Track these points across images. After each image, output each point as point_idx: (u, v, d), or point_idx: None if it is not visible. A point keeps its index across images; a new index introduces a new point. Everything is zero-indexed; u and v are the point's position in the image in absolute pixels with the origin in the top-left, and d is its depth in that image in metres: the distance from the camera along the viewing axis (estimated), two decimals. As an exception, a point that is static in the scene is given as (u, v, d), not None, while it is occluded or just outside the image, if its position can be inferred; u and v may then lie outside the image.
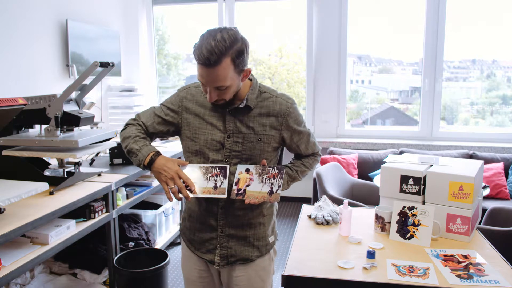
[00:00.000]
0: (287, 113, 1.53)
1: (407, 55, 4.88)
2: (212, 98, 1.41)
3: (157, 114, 1.57)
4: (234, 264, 1.58)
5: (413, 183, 1.83)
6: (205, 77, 1.37)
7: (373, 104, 5.10)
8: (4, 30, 3.12)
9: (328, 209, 2.05)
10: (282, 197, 5.02)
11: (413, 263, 1.55)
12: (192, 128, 1.53)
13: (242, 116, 1.51)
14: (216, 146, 1.51)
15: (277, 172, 1.45)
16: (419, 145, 4.33)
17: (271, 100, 1.53)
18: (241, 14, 4.92)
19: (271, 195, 1.42)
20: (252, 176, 1.44)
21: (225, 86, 1.38)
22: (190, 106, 1.55)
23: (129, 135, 1.54)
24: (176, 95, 1.59)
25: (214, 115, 1.52)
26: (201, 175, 1.45)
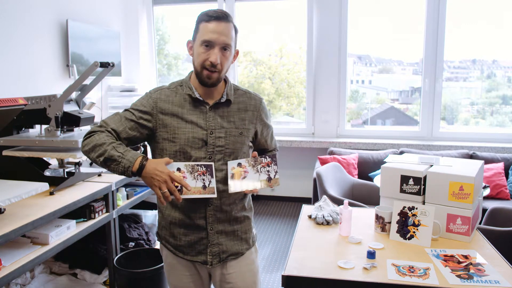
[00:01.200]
0: (260, 108, 1.64)
1: (407, 55, 4.88)
2: (217, 59, 1.44)
3: (128, 119, 1.50)
4: (226, 260, 1.60)
5: (413, 183, 1.83)
6: (218, 31, 1.43)
7: (373, 104, 5.10)
8: (4, 30, 3.12)
9: (328, 209, 2.05)
10: (282, 197, 5.03)
11: (413, 263, 1.54)
12: (170, 128, 1.51)
13: (222, 112, 1.55)
14: (198, 144, 1.50)
15: (270, 160, 1.47)
16: (419, 145, 4.33)
17: (246, 96, 1.63)
18: (241, 14, 4.92)
19: (270, 181, 1.46)
20: (246, 168, 1.45)
21: (229, 48, 1.48)
22: (165, 106, 1.52)
23: (102, 141, 1.42)
24: (147, 97, 1.54)
25: (193, 113, 1.52)
26: (188, 174, 1.43)
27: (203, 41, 1.45)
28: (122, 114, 1.52)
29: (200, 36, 1.46)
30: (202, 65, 1.47)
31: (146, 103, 1.52)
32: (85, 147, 1.46)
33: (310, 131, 4.85)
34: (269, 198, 5.04)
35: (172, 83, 1.60)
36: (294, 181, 4.94)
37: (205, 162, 1.48)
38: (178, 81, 1.61)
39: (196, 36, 1.49)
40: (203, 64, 1.47)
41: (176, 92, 1.55)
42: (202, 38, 1.45)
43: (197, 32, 1.49)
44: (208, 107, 1.53)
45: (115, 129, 1.48)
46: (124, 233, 2.99)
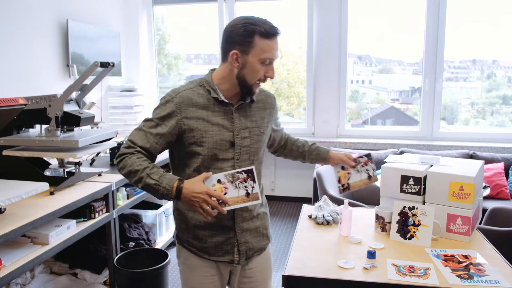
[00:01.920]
0: (274, 105, 1.70)
1: (407, 55, 4.88)
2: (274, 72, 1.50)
3: (154, 133, 1.48)
4: (251, 257, 1.63)
5: (414, 183, 1.83)
6: (277, 48, 1.47)
7: (373, 104, 5.09)
8: (4, 30, 3.12)
9: (329, 209, 2.05)
10: (282, 197, 5.02)
11: (413, 263, 1.55)
12: (197, 132, 1.48)
13: (245, 112, 1.56)
14: (225, 146, 1.51)
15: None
16: (419, 145, 4.33)
17: (263, 94, 1.65)
18: (242, 14, 4.92)
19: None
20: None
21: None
22: (190, 110, 1.49)
23: (136, 168, 1.42)
24: (169, 102, 1.49)
25: (218, 115, 1.51)
26: (229, 184, 1.43)
27: (264, 59, 1.44)
28: (146, 129, 1.48)
29: (260, 53, 1.44)
30: (256, 80, 1.48)
31: (169, 110, 1.48)
32: (121, 171, 1.47)
33: (310, 131, 4.85)
34: (269, 198, 5.04)
35: (191, 83, 1.56)
36: (294, 181, 4.94)
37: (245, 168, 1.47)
38: (197, 81, 1.56)
39: (251, 50, 1.44)
40: (258, 79, 1.48)
41: (198, 93, 1.51)
42: (264, 56, 1.44)
43: (253, 47, 1.44)
44: (233, 108, 1.53)
45: (143, 147, 1.47)
46: (124, 233, 2.99)
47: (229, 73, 1.50)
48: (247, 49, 1.44)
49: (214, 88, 1.52)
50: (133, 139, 1.49)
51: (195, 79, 1.59)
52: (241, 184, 1.44)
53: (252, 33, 1.43)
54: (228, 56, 1.47)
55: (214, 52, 5.33)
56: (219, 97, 1.51)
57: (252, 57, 1.45)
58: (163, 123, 1.48)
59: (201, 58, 5.56)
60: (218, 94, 1.51)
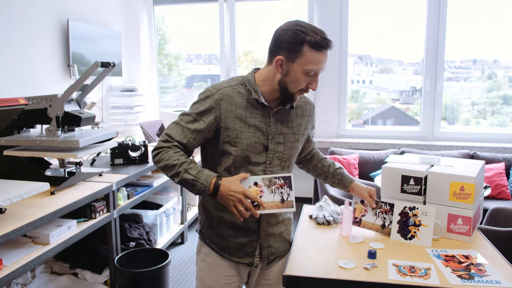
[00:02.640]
0: (313, 113, 1.67)
1: (408, 55, 4.88)
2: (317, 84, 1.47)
3: (192, 129, 1.46)
4: (272, 262, 1.63)
5: (414, 183, 1.83)
6: (324, 61, 1.42)
7: (374, 104, 5.09)
8: (5, 30, 3.13)
9: (329, 209, 2.05)
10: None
11: (414, 263, 1.54)
12: (233, 132, 1.46)
13: (282, 117, 1.54)
14: (259, 149, 1.49)
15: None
16: (420, 145, 4.33)
17: (303, 100, 1.62)
18: (242, 14, 4.92)
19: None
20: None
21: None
22: (228, 108, 1.46)
23: (173, 162, 1.41)
24: (208, 98, 1.46)
25: (256, 117, 1.48)
26: (265, 188, 1.42)
27: (309, 70, 1.40)
28: (184, 124, 1.47)
29: (306, 63, 1.39)
30: (299, 89, 1.45)
31: (209, 106, 1.45)
32: (157, 164, 1.46)
33: (311, 131, 4.85)
34: (270, 198, 5.03)
35: (233, 80, 1.53)
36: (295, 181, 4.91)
37: (284, 174, 1.47)
38: (239, 78, 1.53)
39: (297, 59, 1.40)
40: (300, 88, 1.45)
41: (239, 91, 1.49)
42: (310, 68, 1.40)
43: (300, 56, 1.39)
44: (271, 112, 1.51)
45: (180, 142, 1.46)
46: (125, 233, 2.99)
47: (272, 77, 1.47)
48: (293, 57, 1.40)
49: (255, 89, 1.49)
50: (170, 133, 1.47)
51: (237, 76, 1.56)
52: (277, 190, 1.43)
53: (302, 42, 1.38)
54: (273, 61, 1.44)
55: (215, 52, 5.34)
56: (259, 99, 1.48)
57: (297, 66, 1.41)
58: (201, 119, 1.46)
59: (202, 58, 5.56)
60: (259, 95, 1.48)
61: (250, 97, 1.48)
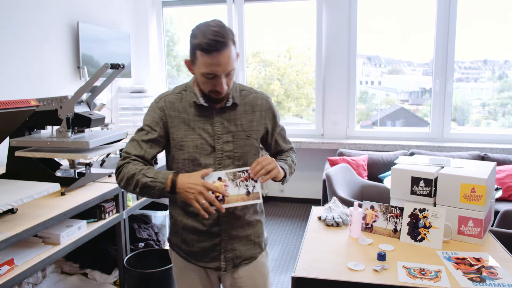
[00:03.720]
0: (268, 107, 1.61)
1: (417, 56, 4.85)
2: (224, 87, 1.40)
3: (145, 140, 1.49)
4: (239, 265, 1.60)
5: (424, 185, 1.82)
6: (219, 64, 1.35)
7: (383, 105, 5.07)
8: (16, 32, 3.16)
9: (338, 210, 2.04)
10: (291, 199, 5.01)
11: (424, 266, 1.53)
12: (178, 136, 1.50)
13: (229, 115, 1.53)
14: (206, 150, 1.50)
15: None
16: (429, 147, 4.29)
17: (252, 96, 1.59)
18: (250, 16, 4.93)
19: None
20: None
21: (233, 70, 1.41)
22: (173, 114, 1.51)
23: (132, 172, 1.42)
24: (154, 108, 1.52)
25: (199, 119, 1.50)
26: (229, 183, 1.41)
27: (204, 74, 1.39)
28: (138, 138, 1.50)
29: (200, 67, 1.38)
30: (208, 92, 1.44)
31: (155, 115, 1.51)
32: (121, 183, 1.46)
33: (320, 132, 4.84)
34: (278, 200, 5.04)
35: (177, 87, 1.58)
36: (303, 182, 4.93)
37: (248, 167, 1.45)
38: (183, 85, 1.58)
39: (196, 63, 1.41)
40: (209, 90, 1.44)
41: (181, 97, 1.53)
42: (204, 71, 1.38)
43: (195, 59, 1.40)
44: (214, 112, 1.52)
45: (138, 155, 1.48)
46: (134, 234, 3.00)
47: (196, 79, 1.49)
48: (193, 60, 1.42)
49: (194, 93, 1.51)
50: (127, 150, 1.49)
51: (183, 84, 1.60)
52: (242, 183, 1.41)
53: (194, 46, 1.38)
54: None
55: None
56: (198, 101, 1.50)
57: (197, 70, 1.41)
58: (152, 129, 1.50)
59: (210, 60, 5.56)
60: (198, 98, 1.50)
61: (192, 100, 1.51)
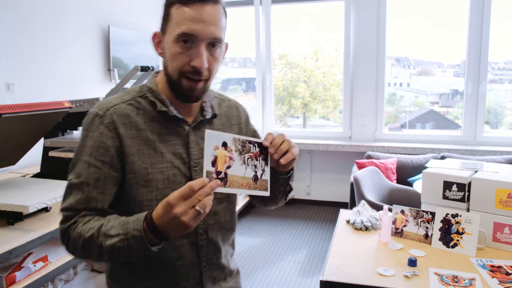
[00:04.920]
0: (245, 117, 1.26)
1: (448, 57, 4.74)
2: (204, 61, 0.98)
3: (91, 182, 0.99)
4: None
5: (457, 190, 1.77)
6: (201, 19, 0.96)
7: (412, 107, 4.97)
8: (50, 36, 3.26)
9: (367, 214, 2.01)
10: (317, 201, 4.96)
11: (457, 273, 1.49)
12: (141, 167, 1.01)
13: (203, 132, 1.01)
14: (181, 183, 0.99)
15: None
16: (461, 150, 4.18)
17: (225, 105, 1.21)
18: (278, 17, 4.93)
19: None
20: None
21: (220, 44, 1.02)
22: (129, 134, 1.01)
23: (87, 236, 0.94)
24: (97, 126, 1.01)
25: (168, 139, 1.05)
26: (236, 155, 0.97)
27: (180, 35, 0.97)
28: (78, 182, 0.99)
29: (175, 26, 0.97)
30: (180, 72, 1.00)
31: (101, 138, 1.00)
32: (76, 254, 1.01)
33: (347, 135, 4.79)
34: (304, 202, 5.01)
35: (127, 93, 1.08)
36: (330, 185, 4.88)
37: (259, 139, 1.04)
38: (136, 89, 1.09)
39: (167, 26, 1.00)
40: (182, 69, 0.99)
41: (138, 107, 1.04)
42: (179, 31, 0.96)
43: (169, 20, 1.00)
44: (189, 128, 1.08)
45: (85, 208, 0.99)
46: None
47: (163, 72, 1.07)
48: (164, 26, 1.02)
49: (160, 99, 1.05)
50: (66, 205, 1.00)
51: (133, 86, 1.13)
52: (250, 161, 1.00)
53: (170, 4, 1.00)
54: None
55: (249, 55, 5.37)
56: (169, 111, 1.05)
57: (168, 36, 1.00)
58: (96, 160, 1.00)
59: (237, 62, 5.61)
60: (168, 106, 1.05)
61: (156, 111, 1.05)
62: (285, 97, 5.21)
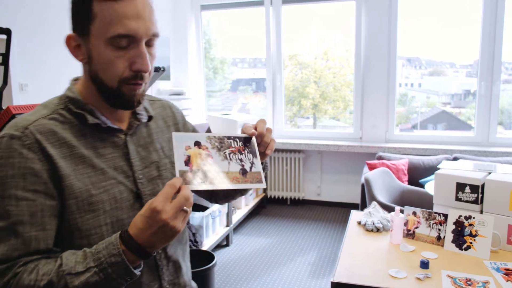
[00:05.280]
0: (181, 115, 1.17)
1: (460, 57, 4.69)
2: (149, 63, 0.89)
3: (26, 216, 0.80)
4: None
5: (470, 191, 1.75)
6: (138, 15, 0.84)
7: (423, 108, 4.93)
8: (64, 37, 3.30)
9: (378, 215, 2.00)
10: (328, 202, 4.95)
11: (470, 276, 1.47)
12: (80, 188, 0.85)
13: (142, 138, 1.00)
14: (129, 201, 0.92)
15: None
16: (474, 151, 4.13)
17: (158, 105, 1.11)
18: (288, 18, 4.92)
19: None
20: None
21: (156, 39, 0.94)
22: (61, 153, 0.85)
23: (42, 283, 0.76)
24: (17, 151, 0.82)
25: (105, 152, 0.92)
26: (214, 152, 0.90)
27: (116, 37, 0.83)
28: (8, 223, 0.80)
29: (106, 27, 0.83)
30: (121, 79, 0.87)
31: (27, 163, 0.82)
32: None
33: (358, 136, 4.76)
34: (315, 203, 4.99)
35: (44, 106, 0.92)
36: (341, 186, 4.86)
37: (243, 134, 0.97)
38: (54, 101, 0.93)
39: (91, 27, 0.84)
40: (122, 76, 0.87)
41: (63, 121, 0.89)
42: (114, 32, 0.82)
43: (92, 18, 0.83)
44: (124, 136, 0.96)
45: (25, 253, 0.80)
46: (172, 234, 3.05)
47: (86, 77, 0.93)
48: (86, 26, 0.85)
49: (88, 109, 0.91)
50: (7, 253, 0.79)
51: (49, 100, 0.95)
52: (233, 156, 0.92)
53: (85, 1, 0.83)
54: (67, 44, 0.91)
55: (259, 56, 5.37)
56: (101, 122, 0.92)
57: (95, 39, 0.85)
58: (27, 192, 0.81)
59: (247, 62, 5.61)
60: (99, 117, 0.92)
61: (86, 124, 0.91)
62: (295, 97, 5.20)
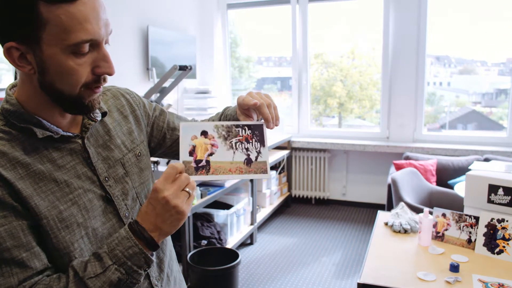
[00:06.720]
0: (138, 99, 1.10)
1: (492, 55, 4.54)
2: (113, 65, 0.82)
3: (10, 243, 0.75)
4: None
5: (504, 194, 1.69)
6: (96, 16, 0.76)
7: (452, 107, 4.81)
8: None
9: (406, 217, 1.96)
10: (353, 203, 4.89)
11: (503, 281, 1.42)
12: (47, 207, 0.80)
13: (101, 137, 0.94)
14: (100, 207, 0.88)
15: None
16: (506, 152, 4.00)
17: (110, 96, 1.04)
18: (314, 16, 4.88)
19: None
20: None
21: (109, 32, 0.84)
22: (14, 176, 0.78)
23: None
24: None
25: (63, 163, 0.85)
26: (220, 141, 0.90)
27: (78, 44, 0.75)
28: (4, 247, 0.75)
29: (63, 34, 0.74)
30: (82, 85, 0.80)
31: None
32: None
33: (385, 135, 4.68)
34: (340, 203, 4.94)
35: None
36: (367, 186, 4.80)
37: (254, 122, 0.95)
38: None
39: (42, 34, 0.74)
40: (84, 83, 0.80)
41: (9, 139, 0.80)
42: (76, 39, 0.74)
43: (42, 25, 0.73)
44: (80, 140, 0.89)
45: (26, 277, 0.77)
46: (197, 231, 3.08)
47: (32, 87, 0.81)
48: (32, 34, 0.74)
49: (34, 122, 0.82)
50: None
51: None
52: (240, 145, 0.91)
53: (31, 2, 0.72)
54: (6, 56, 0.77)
55: (285, 54, 5.35)
56: (54, 133, 0.84)
57: (48, 48, 0.75)
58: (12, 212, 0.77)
59: (272, 61, 5.60)
60: (48, 127, 0.84)
61: (36, 138, 0.82)
62: (320, 96, 5.16)
